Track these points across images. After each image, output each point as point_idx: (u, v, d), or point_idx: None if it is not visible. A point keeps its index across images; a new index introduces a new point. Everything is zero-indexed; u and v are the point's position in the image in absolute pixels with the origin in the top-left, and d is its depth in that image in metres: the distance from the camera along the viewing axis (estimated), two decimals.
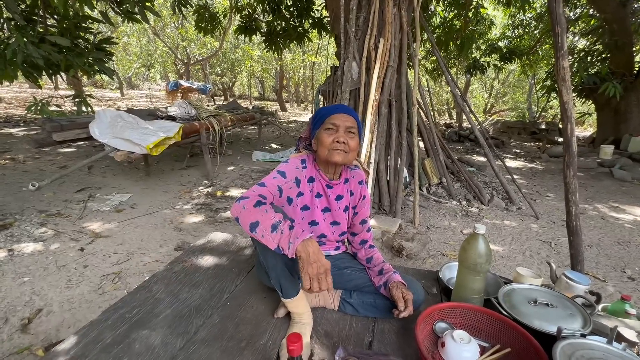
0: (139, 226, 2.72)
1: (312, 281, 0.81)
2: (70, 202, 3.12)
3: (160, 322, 1.03)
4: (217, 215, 3.04)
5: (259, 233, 0.86)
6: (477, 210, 3.47)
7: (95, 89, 20.31)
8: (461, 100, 3.97)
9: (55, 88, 8.22)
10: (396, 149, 3.39)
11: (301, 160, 1.12)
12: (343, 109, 1.10)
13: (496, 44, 8.71)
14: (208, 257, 1.46)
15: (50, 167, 4.12)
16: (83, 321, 1.61)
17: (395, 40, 3.21)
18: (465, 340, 0.90)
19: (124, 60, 18.28)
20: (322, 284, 0.82)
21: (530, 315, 0.94)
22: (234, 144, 6.23)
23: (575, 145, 1.19)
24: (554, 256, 2.61)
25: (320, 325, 1.06)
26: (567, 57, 1.14)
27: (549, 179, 5.11)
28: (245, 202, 0.91)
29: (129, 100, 15.34)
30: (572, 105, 1.13)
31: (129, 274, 2.05)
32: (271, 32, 6.39)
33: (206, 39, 13.96)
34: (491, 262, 0.95)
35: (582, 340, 0.81)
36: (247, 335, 0.99)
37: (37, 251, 2.23)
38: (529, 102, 15.36)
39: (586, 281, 1.12)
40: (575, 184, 1.19)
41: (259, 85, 25.90)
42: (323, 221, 1.18)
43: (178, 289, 1.21)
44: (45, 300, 1.76)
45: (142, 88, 26.04)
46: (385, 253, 2.49)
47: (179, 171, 4.43)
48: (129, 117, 3.37)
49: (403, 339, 1.02)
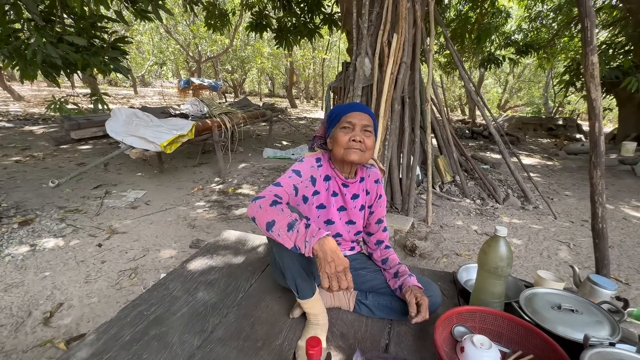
0: (154, 223, 2.77)
1: (331, 280, 0.81)
2: (87, 198, 3.20)
3: (177, 320, 1.04)
4: (229, 212, 3.07)
5: (275, 232, 0.86)
6: (491, 209, 3.40)
7: (109, 87, 20.77)
8: (475, 96, 3.88)
9: (72, 87, 8.45)
10: (409, 147, 3.34)
11: (316, 159, 1.12)
12: (359, 107, 1.08)
13: (512, 36, 8.45)
14: (222, 255, 1.47)
15: (69, 165, 4.24)
16: (102, 316, 1.66)
17: (408, 35, 3.15)
18: (486, 346, 0.88)
19: (137, 58, 18.62)
20: (341, 282, 0.81)
21: (554, 321, 0.91)
22: (245, 141, 6.27)
23: (603, 145, 1.13)
24: (573, 257, 2.53)
25: (336, 327, 1.05)
26: (596, 52, 1.08)
27: (567, 177, 4.96)
28: (261, 201, 0.91)
29: (142, 98, 15.62)
30: (600, 102, 1.07)
31: (144, 269, 2.09)
32: (282, 28, 6.37)
33: (217, 36, 14.05)
34: (512, 265, 0.93)
35: (611, 349, 0.78)
36: (263, 335, 0.99)
37: (57, 246, 2.30)
38: (545, 97, 14.91)
39: (612, 286, 1.08)
40: (603, 184, 1.14)
41: (269, 82, 25.98)
42: (339, 220, 1.17)
43: (194, 287, 1.22)
44: (65, 294, 1.81)
45: (154, 85, 26.46)
46: (398, 252, 2.47)
47: (192, 168, 4.49)
48: (143, 115, 3.42)
49: (420, 342, 1.00)
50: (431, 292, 1.07)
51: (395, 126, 3.23)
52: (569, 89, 7.58)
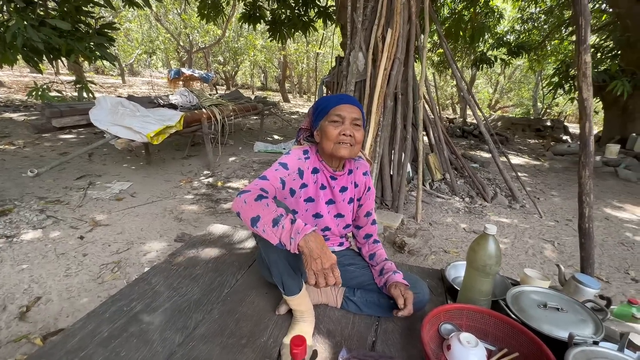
0: (139, 215, 2.70)
1: (318, 277, 0.79)
2: (70, 189, 3.10)
3: (158, 317, 1.00)
4: (217, 206, 3.02)
5: (260, 228, 0.83)
6: (480, 208, 3.44)
7: (96, 75, 20.14)
8: (467, 94, 3.90)
9: (56, 73, 8.14)
10: (400, 144, 3.34)
11: (303, 151, 1.08)
12: (348, 99, 1.05)
13: (504, 37, 8.54)
14: (208, 250, 1.43)
15: (50, 154, 4.09)
16: (82, 310, 1.60)
17: (403, 31, 3.12)
18: (472, 344, 0.87)
19: (126, 46, 18.06)
20: (328, 278, 0.78)
21: (540, 320, 0.91)
22: (236, 134, 6.18)
23: (593, 145, 1.14)
24: (557, 256, 2.58)
25: (323, 323, 1.03)
26: (589, 52, 1.08)
27: (553, 177, 5.06)
28: (246, 196, 0.88)
29: (131, 88, 15.21)
30: (591, 102, 1.08)
31: (128, 263, 2.03)
32: (276, 20, 6.26)
33: (209, 26, 13.75)
34: (500, 263, 0.92)
35: (595, 347, 0.79)
36: (247, 332, 0.97)
37: (36, 238, 2.22)
38: (534, 98, 15.17)
39: (596, 285, 1.09)
40: (591, 184, 1.15)
41: (262, 75, 25.64)
42: (327, 214, 1.15)
43: (177, 282, 1.18)
44: (44, 288, 1.75)
45: (143, 75, 25.80)
46: (388, 248, 2.47)
47: (180, 160, 4.40)
48: (129, 105, 3.31)
49: (407, 339, 1.00)
50: (419, 290, 1.06)
51: (388, 122, 3.22)
52: (557, 90, 7.71)
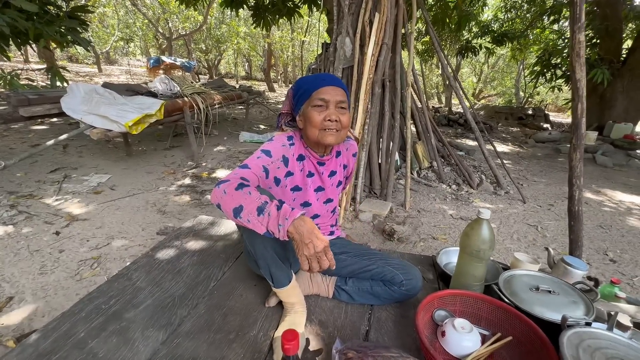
0: (120, 209, 2.58)
1: (311, 261, 0.75)
2: (43, 182, 2.92)
3: (140, 314, 0.94)
4: (202, 197, 2.92)
5: (244, 218, 0.77)
6: (466, 194, 3.48)
7: (70, 64, 19.09)
8: (454, 81, 3.89)
9: (25, 61, 7.63)
10: (388, 132, 3.31)
11: (287, 137, 1.02)
12: (330, 80, 0.96)
13: (489, 25, 8.59)
14: (193, 242, 1.37)
15: (21, 146, 3.85)
16: (59, 309, 1.51)
17: (391, 16, 3.06)
18: (467, 329, 0.86)
19: (101, 32, 17.15)
20: (322, 262, 0.75)
21: (533, 303, 0.91)
22: (220, 124, 6.00)
23: (584, 127, 1.13)
24: (540, 240, 2.65)
25: (314, 314, 1.00)
26: (584, 30, 1.06)
27: (535, 164, 5.19)
28: (225, 185, 0.81)
29: (108, 76, 14.52)
30: (584, 83, 1.07)
31: (108, 259, 1.94)
32: (259, 6, 6.04)
33: (189, 12, 13.19)
34: (494, 248, 0.91)
35: (588, 329, 0.79)
36: (236, 327, 0.92)
37: (7, 234, 2.08)
38: (516, 87, 15.46)
39: (584, 267, 1.10)
40: (581, 167, 1.15)
41: (246, 64, 24.97)
42: (316, 201, 1.10)
43: (160, 276, 1.12)
44: (16, 287, 1.64)
45: (121, 64, 24.65)
46: (377, 236, 2.47)
47: (162, 151, 4.24)
48: (105, 92, 3.13)
49: (401, 327, 0.98)
50: (412, 276, 1.04)
51: (376, 110, 3.18)
52: (539, 79, 7.85)
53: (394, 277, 1.02)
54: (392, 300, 1.05)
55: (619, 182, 4.40)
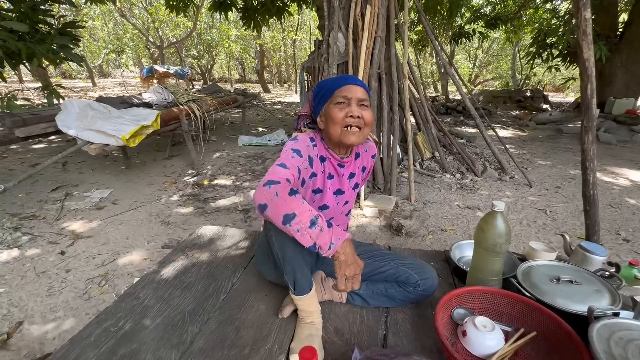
0: (123, 223, 2.56)
1: (347, 282, 0.79)
2: (45, 202, 2.91)
3: (150, 334, 0.92)
4: (206, 205, 2.90)
5: (294, 227, 0.74)
6: (471, 183, 3.44)
7: (64, 80, 19.09)
8: (450, 68, 3.84)
9: (20, 81, 7.62)
10: (388, 125, 3.27)
11: (310, 138, 1.00)
12: (352, 79, 0.97)
13: (481, 10, 8.49)
14: (199, 253, 1.34)
15: (21, 166, 3.83)
16: (69, 331, 1.49)
17: (382, 7, 3.00)
18: (489, 328, 0.83)
19: (92, 46, 17.13)
20: (355, 283, 0.80)
21: (555, 295, 0.88)
22: (218, 130, 5.97)
23: (595, 108, 1.09)
24: (550, 224, 2.61)
25: (329, 321, 0.97)
26: (589, 7, 1.02)
27: (538, 146, 5.13)
28: (277, 188, 0.77)
29: (102, 90, 14.51)
30: (593, 62, 1.03)
31: (116, 275, 1.92)
32: (248, 7, 5.98)
33: (179, 19, 13.11)
34: (510, 240, 0.87)
35: (617, 319, 0.75)
36: (249, 341, 0.89)
37: (13, 258, 2.06)
38: (512, 70, 15.31)
39: (604, 252, 1.07)
40: (594, 150, 1.11)
41: (239, 66, 24.89)
42: (335, 205, 1.08)
43: (169, 292, 1.09)
44: (25, 311, 1.62)
45: (114, 76, 24.64)
46: (384, 232, 2.43)
47: (162, 161, 4.21)
48: (99, 107, 3.10)
49: (419, 328, 0.95)
50: (427, 275, 1.01)
51: (374, 104, 3.13)
52: (535, 60, 7.75)
53: (409, 278, 0.99)
54: (408, 301, 1.02)
55: (625, 159, 4.34)
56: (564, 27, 6.69)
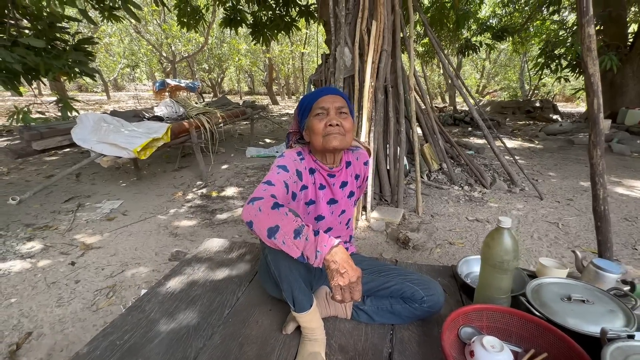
0: (132, 234, 2.60)
1: (344, 292, 0.74)
2: (58, 213, 2.98)
3: (155, 348, 0.92)
4: (213, 217, 2.92)
5: (279, 239, 0.75)
6: (480, 195, 3.39)
7: (79, 93, 19.80)
8: (457, 80, 3.85)
9: (36, 95, 7.95)
10: (394, 137, 3.27)
11: (297, 152, 1.03)
12: (327, 90, 1.00)
13: (487, 22, 8.54)
14: (204, 267, 1.35)
15: (36, 178, 3.95)
16: (77, 342, 1.51)
17: (388, 22, 3.05)
18: (497, 348, 0.81)
19: (108, 61, 17.79)
20: (354, 293, 0.75)
21: (566, 314, 0.85)
22: (227, 142, 6.07)
23: (602, 122, 1.08)
24: (562, 237, 2.54)
25: (333, 338, 0.96)
26: (592, 23, 1.02)
27: (548, 158, 5.04)
28: (260, 203, 0.79)
29: (117, 103, 14.97)
30: (598, 77, 1.02)
31: (123, 287, 1.94)
32: (257, 23, 6.16)
33: (191, 34, 13.57)
34: (519, 257, 0.86)
35: (632, 342, 0.72)
36: (253, 357, 0.89)
37: (25, 269, 2.11)
38: (521, 80, 15.25)
39: (618, 270, 1.03)
40: (603, 164, 1.09)
41: (248, 79, 25.44)
42: (331, 214, 1.09)
43: (174, 306, 1.10)
44: (34, 322, 1.65)
45: (128, 89, 25.44)
46: (391, 245, 2.41)
47: (171, 173, 4.29)
48: (113, 120, 3.20)
49: (426, 347, 0.93)
50: (433, 292, 0.99)
51: (380, 117, 3.15)
52: (543, 71, 7.71)
53: (414, 294, 0.98)
54: (414, 318, 1.00)
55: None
56: (572, 38, 6.67)
